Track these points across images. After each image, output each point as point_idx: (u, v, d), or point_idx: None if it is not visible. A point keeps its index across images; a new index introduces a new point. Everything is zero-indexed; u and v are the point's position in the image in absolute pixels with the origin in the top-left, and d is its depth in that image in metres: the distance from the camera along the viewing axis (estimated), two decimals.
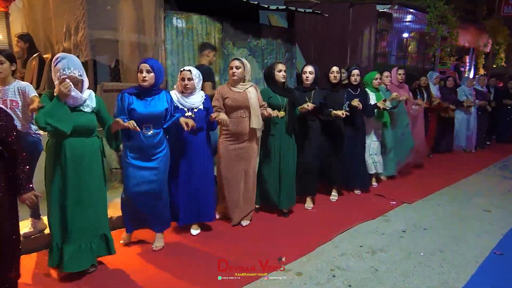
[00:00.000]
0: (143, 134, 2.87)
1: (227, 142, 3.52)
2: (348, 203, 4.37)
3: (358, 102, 4.20)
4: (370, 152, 4.83)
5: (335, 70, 4.23)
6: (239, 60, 3.46)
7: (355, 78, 4.49)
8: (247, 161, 3.60)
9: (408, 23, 10.06)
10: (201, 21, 5.27)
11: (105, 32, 4.68)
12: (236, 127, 3.48)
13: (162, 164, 2.99)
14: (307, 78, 3.94)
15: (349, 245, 3.30)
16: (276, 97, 3.74)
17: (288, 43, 6.47)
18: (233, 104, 3.44)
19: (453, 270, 2.91)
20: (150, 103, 2.91)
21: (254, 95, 3.49)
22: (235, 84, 3.49)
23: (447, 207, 4.32)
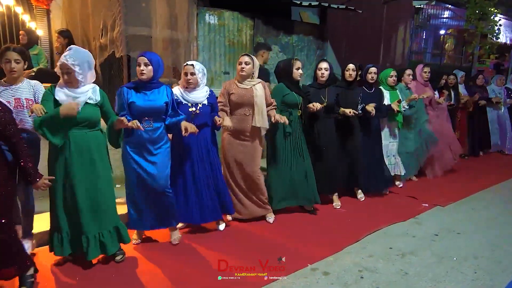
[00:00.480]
0: (143, 128, 2.81)
1: (231, 138, 3.45)
2: (378, 204, 4.28)
3: (372, 108, 4.03)
4: (388, 153, 4.65)
5: (350, 68, 4.09)
6: (249, 56, 3.36)
7: (372, 76, 4.29)
8: (248, 160, 3.47)
9: (445, 20, 9.71)
10: (233, 18, 5.30)
11: (139, 29, 4.80)
12: (239, 125, 3.39)
13: (162, 159, 2.95)
14: (323, 74, 3.83)
15: (378, 247, 3.23)
16: (292, 95, 3.63)
17: (319, 39, 6.41)
18: (238, 101, 3.36)
19: (488, 277, 2.79)
20: (150, 97, 2.87)
21: (261, 93, 3.38)
22: (242, 80, 3.39)
23: (482, 212, 4.16)
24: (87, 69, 2.58)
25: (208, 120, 3.23)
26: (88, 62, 2.58)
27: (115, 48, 4.47)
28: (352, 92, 4.12)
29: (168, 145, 3.01)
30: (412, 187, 4.90)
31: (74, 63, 2.47)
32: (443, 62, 9.81)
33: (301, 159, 3.72)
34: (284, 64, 3.68)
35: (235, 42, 5.35)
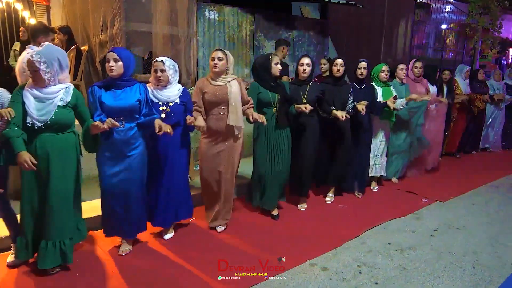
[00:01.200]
0: (115, 128, 2.64)
1: (208, 141, 3.24)
2: (378, 200, 4.29)
3: (363, 107, 3.79)
4: (375, 152, 4.46)
5: (338, 63, 3.89)
6: (222, 51, 3.14)
7: (361, 71, 4.05)
8: (226, 161, 3.27)
9: (447, 14, 9.66)
10: (233, 13, 5.29)
11: (139, 25, 4.80)
12: (216, 124, 3.18)
13: (136, 162, 2.79)
14: (304, 70, 3.66)
15: (377, 242, 3.24)
16: (266, 93, 3.46)
17: (320, 35, 6.40)
18: (212, 99, 3.14)
19: (486, 272, 2.80)
20: (120, 95, 2.70)
21: (236, 89, 3.17)
22: (216, 77, 3.16)
23: (482, 207, 4.16)
24: (57, 68, 2.43)
25: (181, 119, 3.03)
26: (58, 61, 2.43)
27: (115, 44, 4.47)
28: (340, 88, 3.92)
29: (143, 146, 2.84)
30: (412, 182, 4.89)
31: (40, 60, 2.33)
32: (444, 56, 9.79)
33: (279, 158, 3.58)
34: (262, 59, 3.51)
35: (235, 37, 5.35)
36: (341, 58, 3.95)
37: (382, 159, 4.53)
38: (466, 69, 6.23)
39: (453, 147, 6.34)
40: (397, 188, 4.68)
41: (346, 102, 3.89)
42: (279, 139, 3.57)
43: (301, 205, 3.96)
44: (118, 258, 2.86)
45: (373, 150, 4.44)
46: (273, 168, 3.57)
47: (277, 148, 3.56)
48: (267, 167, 3.57)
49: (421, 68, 4.80)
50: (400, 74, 4.57)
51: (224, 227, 3.40)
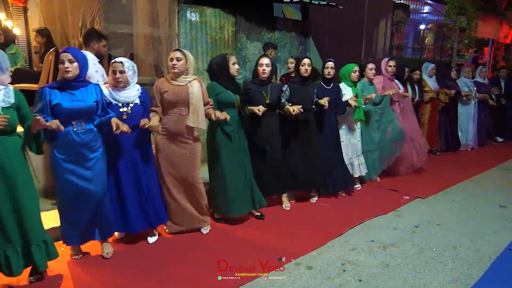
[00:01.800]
0: (74, 131, 2.60)
1: (166, 140, 3.16)
2: (361, 198, 4.35)
3: (325, 101, 3.80)
4: (357, 153, 4.48)
5: (306, 63, 3.87)
6: (181, 51, 3.10)
7: (329, 71, 4.09)
8: (189, 164, 3.19)
9: (425, 15, 9.87)
10: (214, 15, 5.28)
11: (120, 26, 4.75)
12: (175, 125, 3.11)
13: (99, 165, 2.73)
14: (264, 71, 3.61)
15: (360, 240, 3.29)
16: (227, 93, 3.40)
17: (302, 36, 6.44)
18: (172, 99, 3.08)
19: (466, 266, 2.88)
20: (78, 97, 2.63)
21: (197, 90, 3.13)
22: (175, 77, 3.12)
23: (462, 203, 4.27)
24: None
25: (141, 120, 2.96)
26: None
27: None
28: (307, 88, 3.92)
29: (102, 149, 2.78)
30: (393, 180, 4.98)
31: None
32: (423, 56, 9.99)
33: (243, 161, 3.53)
34: (219, 59, 3.45)
35: (217, 39, 5.34)
36: (308, 58, 3.93)
37: (362, 158, 4.56)
38: (430, 67, 6.41)
39: (431, 145, 6.42)
40: (379, 186, 4.76)
41: (312, 101, 3.92)
42: (242, 141, 3.55)
43: (285, 205, 3.99)
44: (112, 261, 2.86)
45: (354, 150, 4.45)
46: (237, 171, 3.48)
47: (240, 150, 3.52)
48: (231, 171, 3.45)
49: (394, 66, 4.88)
50: (369, 74, 4.62)
51: (209, 229, 3.38)
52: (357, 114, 4.33)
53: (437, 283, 2.64)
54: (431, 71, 6.37)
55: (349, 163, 4.43)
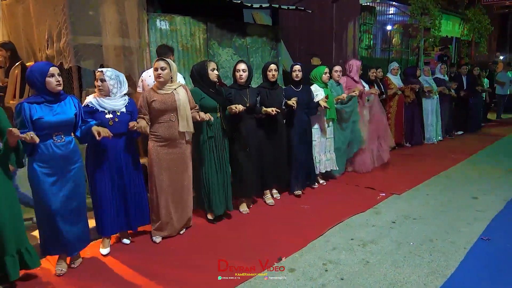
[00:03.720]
0: (55, 143, 2.65)
1: (158, 147, 3.27)
2: (339, 197, 4.42)
3: (293, 102, 4.05)
4: (326, 149, 4.80)
5: (273, 68, 4.08)
6: (164, 60, 3.21)
7: (297, 74, 4.34)
8: (181, 168, 3.36)
9: (391, 16, 10.15)
10: (184, 22, 5.26)
11: (88, 38, 4.65)
12: (167, 132, 3.25)
13: (79, 177, 2.81)
14: (241, 76, 3.81)
15: (341, 239, 3.34)
16: (208, 99, 3.58)
17: (273, 40, 6.49)
18: (161, 107, 3.20)
19: (443, 258, 2.97)
20: (57, 110, 2.68)
21: (183, 96, 3.27)
22: (161, 86, 3.24)
23: (437, 197, 4.39)
24: None
25: (127, 128, 3.07)
26: None
27: (63, 59, 4.31)
28: (275, 92, 4.15)
29: (81, 160, 2.85)
30: (369, 178, 5.08)
31: None
32: (391, 56, 10.26)
33: (223, 165, 3.70)
34: (199, 66, 3.61)
35: (189, 46, 5.32)
36: (274, 63, 4.13)
37: (332, 154, 4.86)
38: (393, 66, 6.89)
39: (399, 138, 6.86)
40: (356, 185, 4.85)
41: (281, 103, 4.17)
42: (224, 144, 3.71)
43: (243, 208, 4.01)
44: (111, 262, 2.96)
45: (324, 147, 4.76)
46: (219, 173, 3.68)
47: (222, 152, 3.70)
48: (214, 172, 3.65)
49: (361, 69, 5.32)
50: (334, 76, 4.94)
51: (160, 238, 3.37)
52: (329, 113, 4.61)
53: (416, 276, 2.71)
54: (393, 70, 6.82)
55: (318, 160, 4.75)
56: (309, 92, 4.48)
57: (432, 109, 7.38)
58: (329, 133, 4.79)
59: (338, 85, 5.00)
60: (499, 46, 15.76)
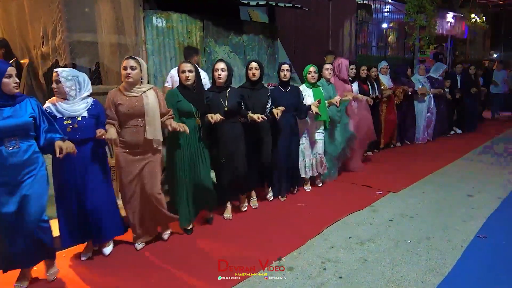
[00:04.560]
0: (7, 150, 2.36)
1: (125, 154, 3.01)
2: (336, 196, 4.43)
3: (279, 111, 3.72)
4: (317, 152, 4.53)
5: (253, 66, 3.73)
6: (134, 59, 2.93)
7: (285, 74, 4.02)
8: (149, 176, 3.05)
9: (387, 14, 10.18)
10: (181, 20, 5.24)
11: (84, 35, 4.61)
12: (133, 137, 2.97)
13: (36, 187, 2.47)
14: (219, 76, 3.47)
15: (338, 237, 3.35)
16: (185, 102, 3.28)
17: (270, 38, 6.49)
18: (128, 111, 2.92)
19: (440, 256, 2.98)
20: (9, 113, 2.40)
21: (153, 100, 2.98)
22: (129, 88, 2.95)
23: (432, 195, 4.42)
24: None
25: (92, 134, 2.78)
26: None
27: (58, 56, 4.27)
28: (258, 92, 3.80)
29: (44, 168, 2.55)
30: (365, 176, 5.10)
31: None
32: (387, 54, 10.30)
33: (197, 172, 3.39)
34: (177, 68, 3.39)
35: (185, 44, 5.29)
36: (256, 61, 3.79)
37: (322, 157, 4.57)
38: (382, 65, 6.55)
39: (390, 139, 6.78)
40: (353, 183, 4.86)
41: (265, 105, 3.83)
42: (199, 153, 3.40)
43: (226, 214, 3.79)
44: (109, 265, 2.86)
45: (313, 150, 4.50)
46: (189, 185, 3.39)
47: (199, 161, 3.39)
48: (183, 184, 3.37)
49: (355, 69, 5.09)
50: (325, 74, 4.63)
51: (169, 232, 3.37)
52: (319, 116, 4.25)
53: (414, 275, 2.72)
54: (383, 70, 6.49)
55: (309, 164, 4.49)
56: (298, 94, 4.17)
57: (425, 109, 7.19)
58: (319, 135, 4.50)
59: (329, 84, 4.68)
60: (493, 44, 15.88)
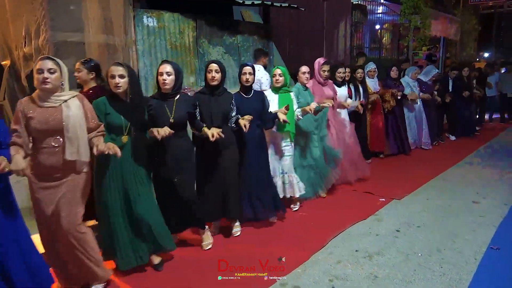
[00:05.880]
0: None
1: (39, 181, 2.36)
2: (337, 203, 4.23)
3: (246, 121, 3.13)
4: (280, 170, 3.82)
5: (213, 69, 3.12)
6: (52, 59, 2.32)
7: (247, 77, 3.37)
8: (65, 207, 2.36)
9: (381, 15, 10.06)
10: (173, 19, 4.99)
11: (70, 34, 4.35)
12: (49, 160, 2.33)
13: None
14: (164, 81, 2.83)
15: (344, 250, 3.14)
16: (115, 115, 2.64)
17: (264, 39, 6.28)
18: (41, 127, 2.29)
19: (454, 270, 2.80)
20: None
21: (76, 112, 2.37)
22: (46, 97, 2.33)
23: (436, 201, 4.25)
24: None
25: None
26: None
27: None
28: (218, 99, 3.18)
29: None
30: (366, 182, 4.91)
31: None
32: (381, 55, 10.19)
33: (136, 205, 2.67)
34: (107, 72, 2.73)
35: (178, 45, 5.06)
36: (216, 62, 3.18)
37: (291, 177, 3.83)
38: (369, 67, 5.91)
39: (375, 148, 6.02)
40: (354, 190, 4.67)
41: (228, 114, 3.23)
42: (140, 179, 2.73)
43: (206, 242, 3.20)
44: None
45: (279, 168, 3.81)
46: (128, 215, 2.70)
47: (136, 191, 2.70)
48: (119, 214, 2.68)
49: (328, 71, 4.33)
50: (302, 78, 4.00)
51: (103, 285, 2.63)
52: (285, 126, 3.64)
53: None
54: (370, 72, 5.87)
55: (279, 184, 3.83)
56: (263, 99, 3.51)
57: (413, 115, 6.63)
58: (287, 150, 3.79)
59: (306, 89, 4.05)
60: (482, 46, 15.95)
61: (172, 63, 2.92)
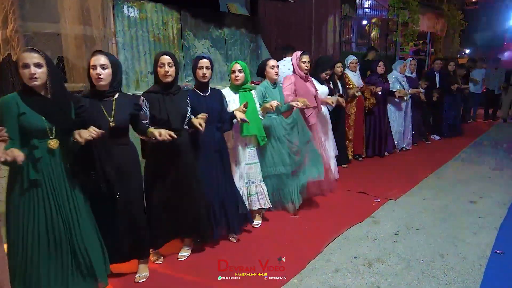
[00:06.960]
0: None
1: None
2: (331, 204, 4.02)
3: (201, 120, 2.72)
4: (246, 179, 3.39)
5: (166, 62, 2.64)
6: None
7: (203, 72, 2.92)
8: None
9: (369, 9, 9.90)
10: (156, 10, 4.70)
11: (43, 25, 4.01)
12: None
13: None
14: (99, 75, 2.33)
15: (342, 257, 2.94)
16: (33, 116, 2.08)
17: (252, 32, 6.04)
18: None
19: (460, 278, 2.63)
20: None
21: None
22: None
23: (433, 201, 4.09)
24: None
25: None
26: None
27: (11, 49, 3.65)
28: (174, 98, 2.72)
29: None
30: (359, 181, 4.74)
31: None
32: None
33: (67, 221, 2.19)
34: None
35: (161, 37, 4.76)
36: (168, 54, 2.70)
37: (259, 187, 3.42)
38: (350, 59, 5.54)
39: (357, 150, 5.68)
40: (347, 190, 4.48)
41: (184, 115, 2.76)
42: (68, 191, 2.21)
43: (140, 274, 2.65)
44: None
45: (241, 177, 3.38)
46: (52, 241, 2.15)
47: (64, 205, 2.18)
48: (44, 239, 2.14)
49: (309, 62, 3.90)
50: (270, 74, 3.57)
51: None
52: (247, 129, 3.20)
53: None
54: (351, 65, 5.51)
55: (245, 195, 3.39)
56: (221, 98, 3.11)
57: (400, 113, 6.22)
58: (252, 156, 3.37)
59: (275, 87, 3.63)
60: (466, 41, 16.02)
61: (107, 54, 2.42)
